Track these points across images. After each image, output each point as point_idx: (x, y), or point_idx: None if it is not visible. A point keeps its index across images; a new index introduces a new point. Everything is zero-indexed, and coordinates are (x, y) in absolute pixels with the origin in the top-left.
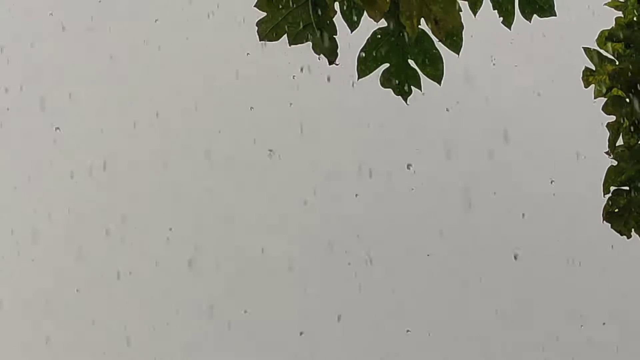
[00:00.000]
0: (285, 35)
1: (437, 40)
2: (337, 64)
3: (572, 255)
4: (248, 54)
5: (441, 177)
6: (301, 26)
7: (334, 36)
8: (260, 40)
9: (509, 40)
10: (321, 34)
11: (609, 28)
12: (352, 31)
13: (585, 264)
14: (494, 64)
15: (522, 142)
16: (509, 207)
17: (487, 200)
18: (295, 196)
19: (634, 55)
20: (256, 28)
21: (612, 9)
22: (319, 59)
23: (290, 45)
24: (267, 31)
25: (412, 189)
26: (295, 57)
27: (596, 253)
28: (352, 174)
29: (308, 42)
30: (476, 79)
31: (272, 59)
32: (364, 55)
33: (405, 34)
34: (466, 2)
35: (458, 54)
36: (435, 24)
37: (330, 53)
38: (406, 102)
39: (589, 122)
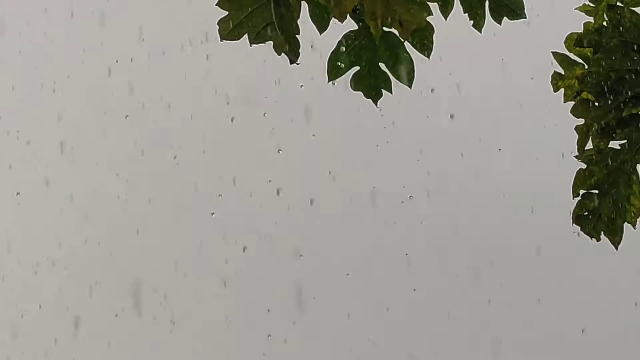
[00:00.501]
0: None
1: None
2: (297, 64)
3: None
4: None
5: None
6: (263, 26)
7: (296, 36)
8: (221, 39)
9: (481, 44)
10: (283, 34)
11: (578, 32)
12: (320, 33)
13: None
14: (463, 67)
15: (492, 145)
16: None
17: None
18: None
19: (602, 59)
20: (217, 27)
21: (583, 13)
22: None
23: (250, 45)
24: (228, 30)
25: (374, 188)
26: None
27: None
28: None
29: (269, 42)
30: (445, 83)
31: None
32: (334, 57)
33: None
34: (437, 5)
35: (429, 57)
36: (399, 25)
37: (292, 53)
38: (376, 105)
39: (559, 125)
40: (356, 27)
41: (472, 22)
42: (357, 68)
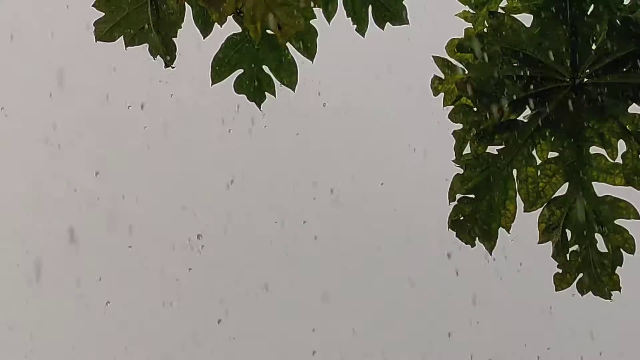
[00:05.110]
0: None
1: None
2: (173, 67)
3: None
4: None
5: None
6: (139, 28)
7: (173, 39)
8: (96, 40)
9: (362, 48)
10: (159, 37)
11: (459, 37)
12: (204, 37)
13: None
14: (346, 72)
15: (378, 149)
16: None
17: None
18: None
19: (483, 65)
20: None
21: (462, 19)
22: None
23: (126, 47)
24: (105, 32)
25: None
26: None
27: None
28: None
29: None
30: (329, 87)
31: None
32: (218, 60)
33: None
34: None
35: (312, 60)
36: (278, 28)
37: (168, 56)
38: (260, 108)
39: (439, 129)
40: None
41: (355, 26)
42: (240, 71)
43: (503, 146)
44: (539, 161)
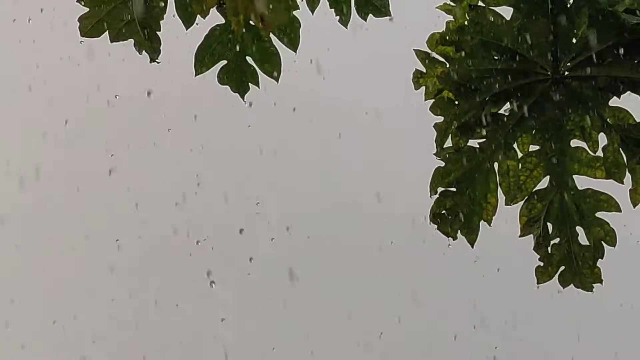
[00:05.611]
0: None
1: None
2: (158, 62)
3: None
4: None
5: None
6: (124, 23)
7: (157, 33)
8: (81, 36)
9: (341, 41)
10: (144, 31)
11: (440, 31)
12: (187, 28)
13: None
14: (329, 64)
15: (359, 143)
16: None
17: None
18: None
19: (464, 58)
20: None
21: (444, 12)
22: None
23: (111, 42)
24: (89, 27)
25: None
26: None
27: None
28: None
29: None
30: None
31: None
32: (201, 51)
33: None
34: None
35: (295, 52)
36: (261, 20)
37: (152, 50)
38: (243, 100)
39: (423, 124)
40: None
41: (338, 17)
42: (224, 62)
43: (484, 139)
44: (520, 154)
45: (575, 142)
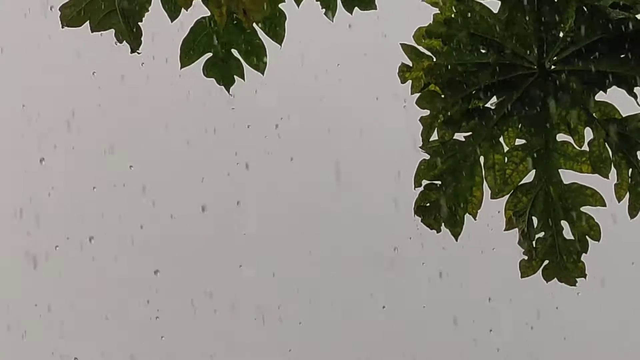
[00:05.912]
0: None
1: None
2: (139, 53)
3: None
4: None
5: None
6: (105, 13)
7: (139, 24)
8: (62, 26)
9: (329, 34)
10: (125, 21)
11: (427, 25)
12: (172, 20)
13: None
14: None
15: (350, 138)
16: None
17: None
18: None
19: (451, 51)
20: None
21: (430, 5)
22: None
23: (92, 31)
24: (71, 16)
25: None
26: None
27: None
28: None
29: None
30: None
31: None
32: (186, 43)
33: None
34: None
35: (280, 45)
36: (243, 12)
37: (134, 41)
38: (229, 93)
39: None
40: None
41: (324, 10)
42: (209, 54)
43: (470, 133)
44: (506, 148)
45: (561, 137)
